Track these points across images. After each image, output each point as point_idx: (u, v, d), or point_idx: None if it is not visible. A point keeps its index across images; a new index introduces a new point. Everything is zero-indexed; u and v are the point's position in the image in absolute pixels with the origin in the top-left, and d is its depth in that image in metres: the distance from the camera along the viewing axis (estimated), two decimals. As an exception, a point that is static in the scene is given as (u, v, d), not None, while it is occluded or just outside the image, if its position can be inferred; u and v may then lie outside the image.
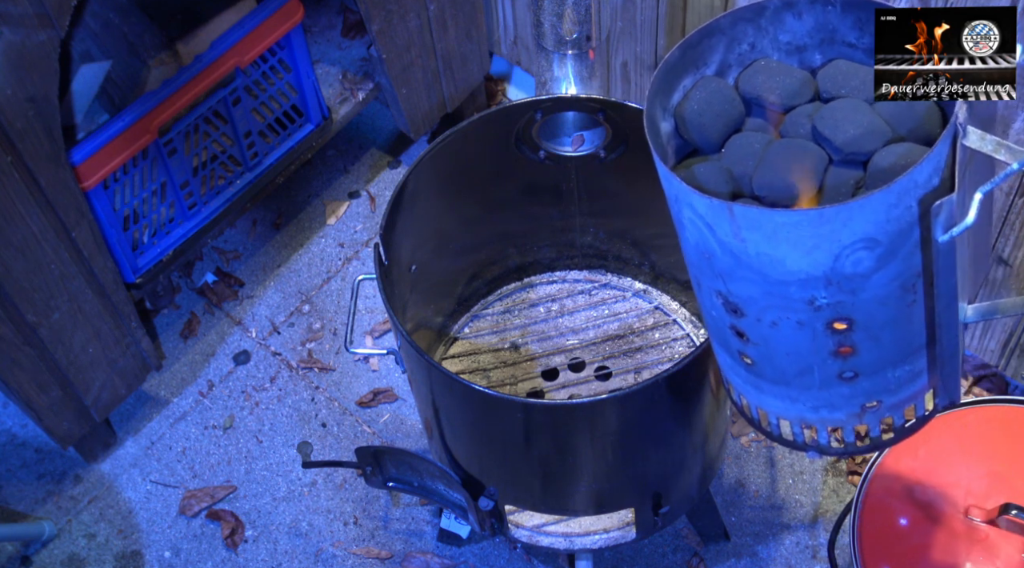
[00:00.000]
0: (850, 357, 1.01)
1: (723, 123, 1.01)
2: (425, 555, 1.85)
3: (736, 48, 1.04)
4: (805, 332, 0.98)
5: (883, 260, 0.92)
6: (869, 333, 0.98)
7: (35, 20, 1.40)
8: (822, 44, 1.02)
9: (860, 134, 0.94)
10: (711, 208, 0.90)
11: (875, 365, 1.01)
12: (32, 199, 1.53)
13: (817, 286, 0.93)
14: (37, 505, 1.95)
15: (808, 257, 0.91)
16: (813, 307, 0.95)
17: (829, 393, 1.04)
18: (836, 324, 0.97)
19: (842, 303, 0.95)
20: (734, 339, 1.03)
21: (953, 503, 1.41)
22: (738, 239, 0.91)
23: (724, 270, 0.96)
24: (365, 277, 1.54)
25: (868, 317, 0.96)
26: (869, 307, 0.95)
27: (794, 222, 0.88)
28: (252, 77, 1.79)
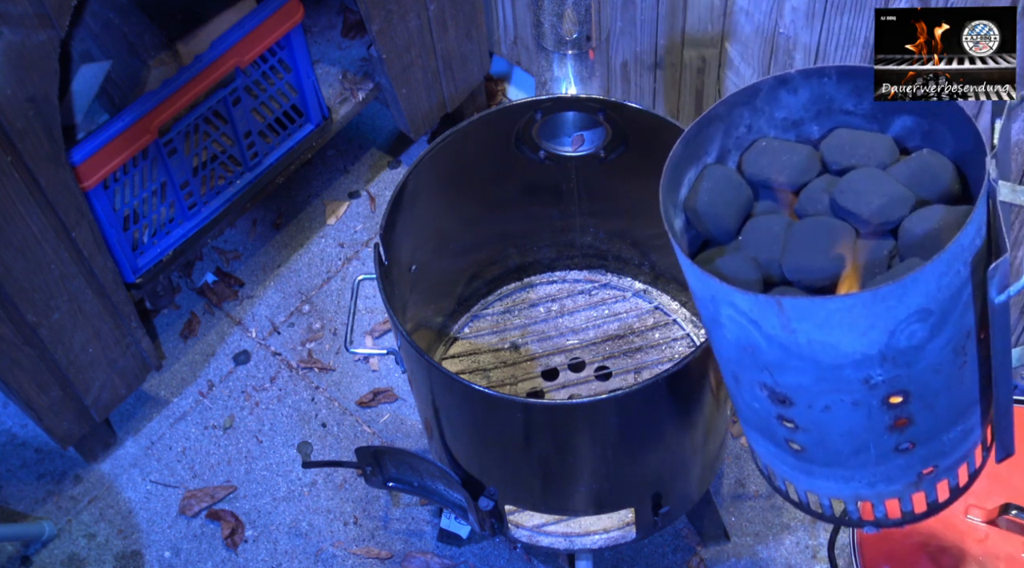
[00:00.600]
0: (907, 428, 0.98)
1: (735, 210, 0.99)
2: (425, 555, 1.85)
3: (733, 132, 1.02)
4: (860, 411, 0.96)
5: (936, 329, 0.90)
6: (925, 402, 0.96)
7: (35, 20, 1.40)
8: (819, 116, 1.01)
9: (886, 203, 0.92)
10: (756, 304, 0.88)
11: (931, 432, 0.99)
12: (32, 199, 1.53)
13: (872, 365, 0.91)
14: (37, 505, 1.95)
15: (864, 338, 0.89)
16: (868, 386, 0.93)
17: (886, 467, 1.02)
18: (892, 399, 0.95)
19: (898, 377, 0.92)
20: (781, 429, 1.00)
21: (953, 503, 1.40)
22: (787, 331, 0.89)
23: (771, 363, 0.93)
24: (365, 277, 1.54)
25: (923, 387, 0.94)
26: (924, 377, 0.93)
27: (848, 307, 0.86)
28: (252, 77, 1.79)
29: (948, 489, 1.07)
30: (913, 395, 0.95)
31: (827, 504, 1.08)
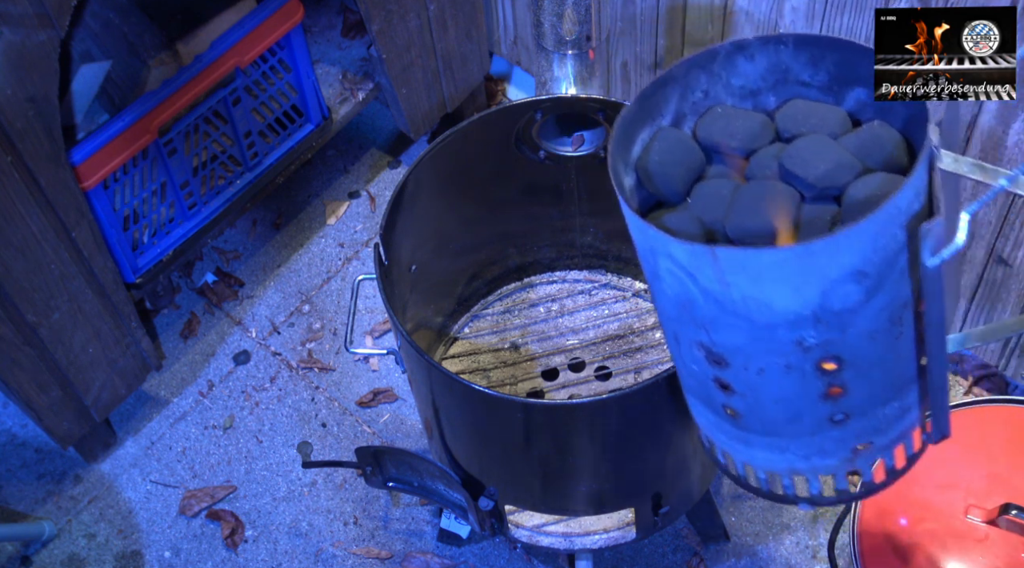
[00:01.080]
0: (840, 398, 0.98)
1: (685, 172, 1.00)
2: (425, 555, 1.85)
3: (690, 97, 1.02)
4: (793, 376, 0.95)
5: (871, 292, 0.89)
6: (858, 371, 0.96)
7: (35, 20, 1.40)
8: (776, 86, 1.02)
9: (831, 169, 0.93)
10: (692, 254, 0.88)
11: (865, 404, 0.99)
12: (32, 199, 1.53)
13: (806, 326, 0.91)
14: (37, 505, 1.95)
15: (796, 296, 0.89)
16: (802, 348, 0.93)
17: (820, 438, 1.02)
18: (825, 364, 0.95)
19: (831, 341, 0.92)
20: (718, 393, 1.01)
21: (953, 503, 1.40)
22: (722, 284, 0.88)
23: (707, 319, 0.93)
24: (365, 277, 1.54)
25: (857, 354, 0.94)
26: (858, 343, 0.93)
27: (781, 260, 0.86)
28: (252, 77, 1.79)
29: (884, 470, 1.07)
30: (847, 362, 0.94)
31: (764, 478, 1.08)
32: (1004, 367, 1.79)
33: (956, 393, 1.90)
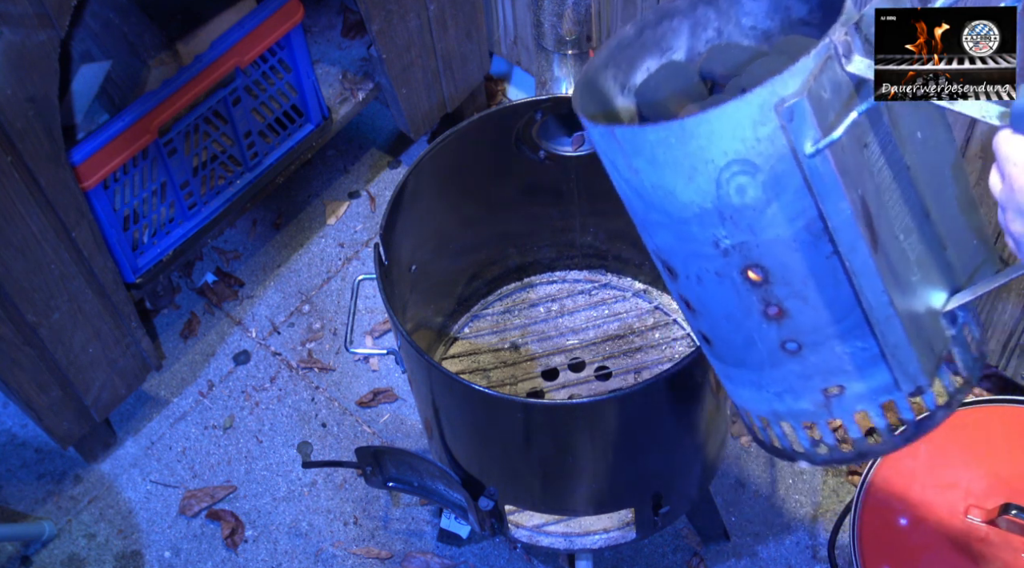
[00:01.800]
0: (784, 320, 0.94)
1: (681, 98, 1.01)
2: (425, 555, 1.85)
3: (702, 34, 1.03)
4: (726, 286, 0.93)
5: (769, 190, 0.85)
6: (792, 289, 0.92)
7: (35, 20, 1.40)
8: (782, 26, 1.02)
9: (741, 62, 0.95)
10: (602, 138, 0.90)
11: (814, 333, 0.94)
12: (32, 199, 1.53)
13: (714, 222, 0.89)
14: (37, 505, 1.95)
15: (692, 184, 0.87)
16: (721, 251, 0.91)
17: (783, 372, 0.99)
18: (751, 273, 0.91)
19: (746, 244, 0.89)
20: (689, 316, 1.02)
21: (953, 503, 1.41)
22: (633, 171, 0.89)
23: (640, 219, 0.95)
24: (365, 277, 1.54)
25: (781, 266, 0.90)
26: (777, 252, 0.89)
27: (662, 138, 0.85)
28: (252, 77, 1.79)
29: (877, 431, 1.01)
30: (773, 274, 0.91)
31: (760, 426, 1.07)
32: (1004, 367, 1.79)
33: (956, 393, 1.90)
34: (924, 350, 0.94)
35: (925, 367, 0.94)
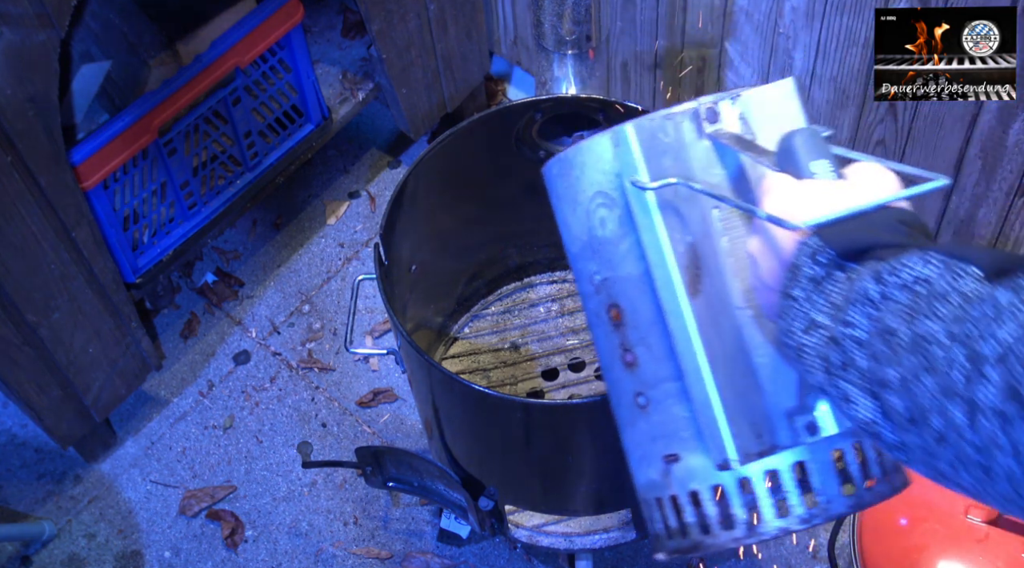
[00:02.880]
0: (636, 370, 0.89)
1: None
2: (425, 555, 1.85)
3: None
4: (601, 326, 0.91)
5: (624, 225, 0.85)
6: (639, 334, 0.88)
7: (35, 20, 1.40)
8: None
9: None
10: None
11: (656, 386, 0.88)
12: (32, 199, 1.53)
13: (588, 255, 0.89)
14: (37, 505, 1.95)
15: (574, 216, 0.89)
16: (595, 287, 0.90)
17: (636, 433, 0.91)
18: (613, 311, 0.89)
19: (608, 280, 0.88)
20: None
21: (953, 503, 1.41)
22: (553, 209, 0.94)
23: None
24: (365, 277, 1.54)
25: (632, 307, 0.87)
26: (629, 291, 0.87)
27: (555, 172, 0.91)
28: (252, 77, 1.79)
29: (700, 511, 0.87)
30: (626, 315, 0.88)
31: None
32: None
33: (956, 393, 1.90)
34: (744, 430, 0.84)
35: (741, 445, 0.83)
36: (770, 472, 0.84)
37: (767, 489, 0.85)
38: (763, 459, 0.84)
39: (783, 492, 0.85)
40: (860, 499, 0.86)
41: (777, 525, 0.84)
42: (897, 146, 1.64)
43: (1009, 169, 1.53)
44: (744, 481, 0.85)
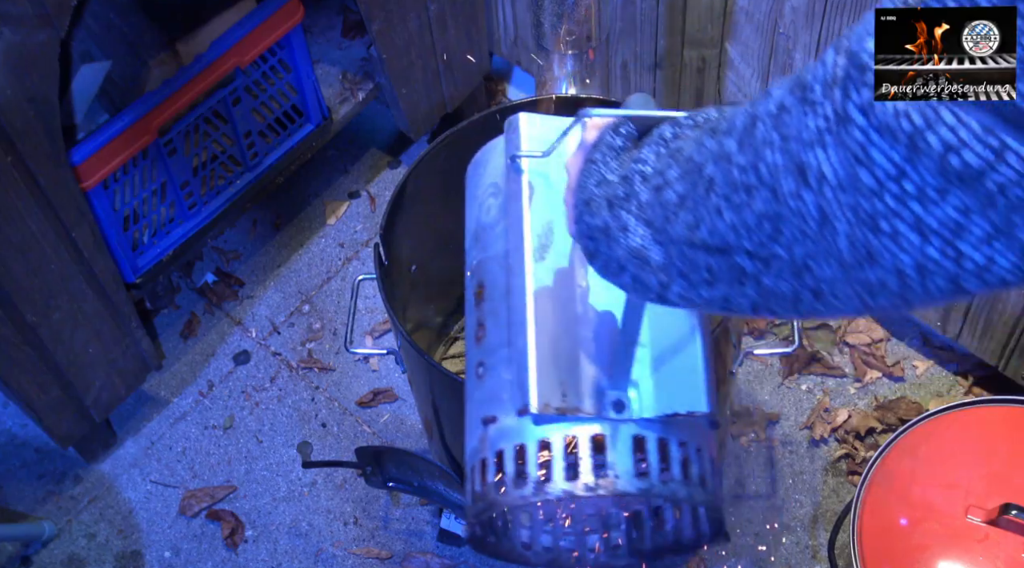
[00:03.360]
0: (483, 341, 0.96)
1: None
2: (425, 555, 1.85)
3: None
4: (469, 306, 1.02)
5: (502, 210, 0.95)
6: (491, 305, 0.95)
7: (35, 20, 1.40)
8: None
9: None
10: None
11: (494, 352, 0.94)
12: (32, 199, 1.53)
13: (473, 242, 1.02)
14: (37, 505, 1.95)
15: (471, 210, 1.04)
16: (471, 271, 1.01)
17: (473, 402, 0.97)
18: (478, 290, 0.98)
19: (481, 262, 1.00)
20: None
21: (953, 503, 1.41)
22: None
23: None
24: (365, 277, 1.54)
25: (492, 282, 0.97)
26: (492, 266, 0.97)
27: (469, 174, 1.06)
28: (252, 77, 1.79)
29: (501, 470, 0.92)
30: (486, 291, 0.97)
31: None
32: (1004, 367, 1.79)
33: (956, 393, 1.90)
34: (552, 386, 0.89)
35: (543, 395, 0.88)
36: (570, 437, 0.88)
37: (563, 452, 0.88)
38: (564, 422, 0.89)
39: (578, 458, 0.88)
40: (651, 487, 0.89)
41: (563, 487, 0.88)
42: (897, 146, 1.64)
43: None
44: (544, 442, 0.89)
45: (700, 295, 0.67)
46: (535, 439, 0.90)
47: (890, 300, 0.58)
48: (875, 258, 0.55)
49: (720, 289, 0.65)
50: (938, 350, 1.94)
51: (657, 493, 0.88)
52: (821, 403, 1.91)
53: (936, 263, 0.54)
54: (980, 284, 0.54)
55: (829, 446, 1.88)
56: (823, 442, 1.88)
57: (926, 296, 0.56)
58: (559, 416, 0.88)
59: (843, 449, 1.87)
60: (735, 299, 0.65)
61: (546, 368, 0.88)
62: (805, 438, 1.89)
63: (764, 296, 0.63)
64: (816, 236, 0.58)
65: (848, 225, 0.56)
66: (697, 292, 0.67)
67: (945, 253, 0.53)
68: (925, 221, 0.53)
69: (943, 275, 0.54)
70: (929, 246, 0.53)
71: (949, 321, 1.81)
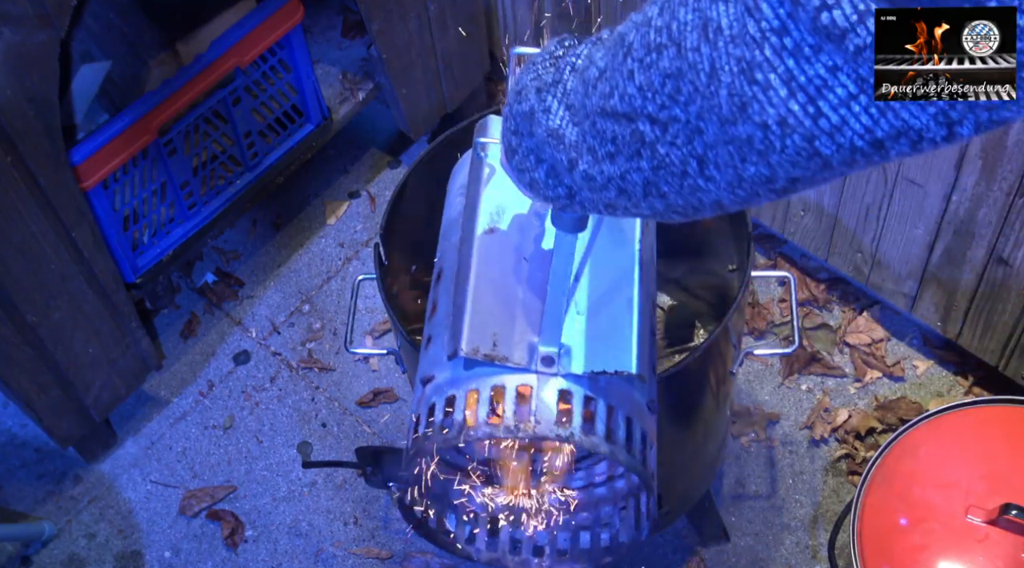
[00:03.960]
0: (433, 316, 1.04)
1: None
2: (425, 555, 1.85)
3: None
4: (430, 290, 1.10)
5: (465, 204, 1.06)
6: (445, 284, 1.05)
7: (35, 20, 1.40)
8: None
9: None
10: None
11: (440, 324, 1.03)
12: (32, 199, 1.53)
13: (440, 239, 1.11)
14: (37, 505, 1.95)
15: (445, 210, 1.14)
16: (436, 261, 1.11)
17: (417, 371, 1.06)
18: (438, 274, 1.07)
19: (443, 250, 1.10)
20: None
21: (953, 503, 1.40)
22: None
23: None
24: (365, 277, 1.54)
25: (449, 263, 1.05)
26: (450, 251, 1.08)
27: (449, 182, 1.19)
28: (252, 77, 1.78)
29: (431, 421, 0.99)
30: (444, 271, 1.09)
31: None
32: (1004, 367, 1.79)
33: (956, 393, 1.90)
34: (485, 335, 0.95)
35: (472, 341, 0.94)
36: (497, 386, 0.93)
37: (488, 398, 0.94)
38: (493, 373, 0.94)
39: (503, 404, 0.93)
40: (571, 436, 0.93)
41: (486, 430, 0.92)
42: (897, 146, 1.64)
43: (1009, 169, 1.53)
44: (473, 391, 0.94)
45: (602, 172, 0.71)
46: (464, 389, 0.95)
47: (757, 168, 0.62)
48: (747, 110, 0.59)
49: (619, 164, 0.70)
50: (938, 350, 1.94)
51: (577, 442, 0.93)
52: (821, 403, 1.91)
53: (797, 119, 0.58)
54: (832, 146, 0.58)
55: (829, 446, 1.88)
56: (823, 442, 1.88)
57: (785, 158, 0.60)
58: (488, 363, 0.94)
59: (843, 449, 1.87)
60: (630, 177, 0.69)
61: (480, 318, 0.95)
62: (805, 438, 1.89)
63: (656, 171, 0.68)
64: (705, 90, 0.62)
65: (731, 77, 0.60)
66: (600, 169, 0.71)
67: (806, 110, 0.57)
68: (796, 76, 0.57)
69: (801, 133, 0.58)
70: (793, 101, 0.57)
71: (949, 321, 1.81)
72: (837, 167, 0.60)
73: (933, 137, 0.57)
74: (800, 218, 1.90)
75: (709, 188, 0.66)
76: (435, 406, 0.96)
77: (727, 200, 0.67)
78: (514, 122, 0.80)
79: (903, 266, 1.81)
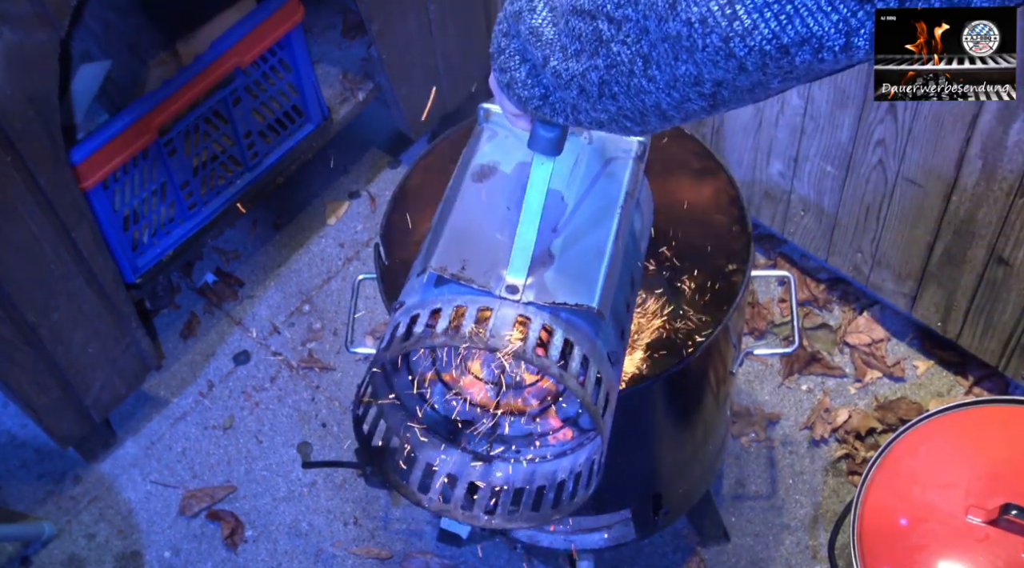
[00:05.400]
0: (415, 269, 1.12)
1: None
2: (425, 555, 1.85)
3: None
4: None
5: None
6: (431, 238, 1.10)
7: (35, 20, 1.40)
8: None
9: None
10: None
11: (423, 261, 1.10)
12: (32, 199, 1.53)
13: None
14: (37, 505, 1.95)
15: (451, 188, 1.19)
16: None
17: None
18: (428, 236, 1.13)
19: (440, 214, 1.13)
20: None
21: (953, 503, 1.40)
22: None
23: None
24: (365, 277, 1.54)
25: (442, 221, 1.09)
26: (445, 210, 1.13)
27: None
28: (252, 77, 1.78)
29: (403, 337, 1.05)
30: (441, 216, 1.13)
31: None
32: (1004, 367, 1.79)
33: (956, 393, 1.90)
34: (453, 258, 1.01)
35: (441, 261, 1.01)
36: (460, 306, 0.98)
37: (449, 314, 0.99)
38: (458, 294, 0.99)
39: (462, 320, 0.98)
40: (523, 354, 0.96)
41: (441, 339, 0.97)
42: (898, 146, 1.64)
43: (1009, 169, 1.53)
44: (435, 310, 1.00)
45: (567, 68, 0.78)
46: (428, 308, 1.00)
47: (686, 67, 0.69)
48: (676, 7, 0.67)
49: (582, 62, 0.76)
50: (938, 350, 1.94)
51: (528, 359, 0.96)
52: (821, 403, 1.91)
53: (715, 19, 0.64)
54: (744, 48, 0.65)
55: (829, 446, 1.88)
56: (823, 442, 1.88)
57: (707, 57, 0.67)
58: (454, 283, 0.99)
59: (843, 449, 1.87)
60: (589, 75, 0.76)
61: (454, 244, 1.02)
62: (805, 438, 1.89)
63: (609, 69, 0.74)
64: None
65: None
66: (566, 66, 0.78)
67: (724, 11, 0.64)
68: None
69: (719, 32, 0.65)
70: (714, 1, 0.64)
71: (949, 321, 1.81)
72: (753, 71, 0.66)
73: (832, 45, 0.62)
74: (800, 218, 1.90)
75: (651, 89, 0.73)
76: (399, 325, 1.01)
77: (665, 103, 0.73)
78: (505, 23, 0.86)
79: (903, 266, 1.81)
